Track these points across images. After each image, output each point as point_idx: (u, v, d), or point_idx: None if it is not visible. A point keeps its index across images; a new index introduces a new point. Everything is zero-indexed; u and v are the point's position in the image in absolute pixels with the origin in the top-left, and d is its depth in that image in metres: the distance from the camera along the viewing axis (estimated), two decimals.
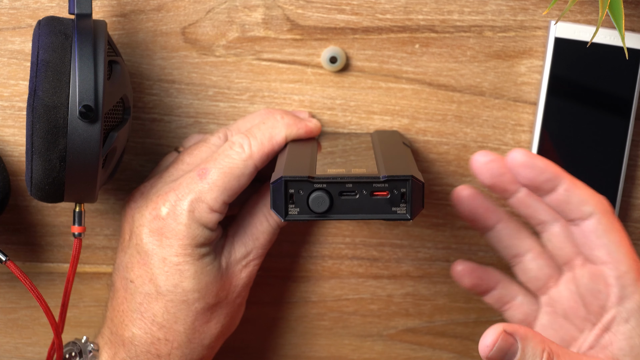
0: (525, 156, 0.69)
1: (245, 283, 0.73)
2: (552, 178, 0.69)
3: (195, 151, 0.72)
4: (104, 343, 0.72)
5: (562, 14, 0.70)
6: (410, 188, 0.62)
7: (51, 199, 0.66)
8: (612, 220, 0.69)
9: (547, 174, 0.69)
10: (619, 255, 0.68)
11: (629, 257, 0.68)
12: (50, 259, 0.78)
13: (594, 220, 0.69)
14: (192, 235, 0.69)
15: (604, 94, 0.75)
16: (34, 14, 0.73)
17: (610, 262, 0.68)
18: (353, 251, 0.79)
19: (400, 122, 0.77)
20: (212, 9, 0.74)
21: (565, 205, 0.69)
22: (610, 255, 0.68)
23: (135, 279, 0.70)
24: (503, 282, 0.75)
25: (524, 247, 0.74)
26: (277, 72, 0.76)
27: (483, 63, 0.76)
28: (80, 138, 0.64)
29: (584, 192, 0.69)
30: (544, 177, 0.69)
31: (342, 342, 0.81)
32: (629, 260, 0.68)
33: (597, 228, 0.69)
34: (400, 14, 0.75)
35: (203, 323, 0.71)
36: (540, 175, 0.69)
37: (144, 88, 0.75)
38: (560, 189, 0.69)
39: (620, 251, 0.68)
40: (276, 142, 0.71)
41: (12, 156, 0.75)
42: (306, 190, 0.63)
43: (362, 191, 0.63)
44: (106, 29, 0.67)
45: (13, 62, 0.74)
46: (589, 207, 0.69)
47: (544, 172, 0.69)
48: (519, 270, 0.74)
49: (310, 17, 0.75)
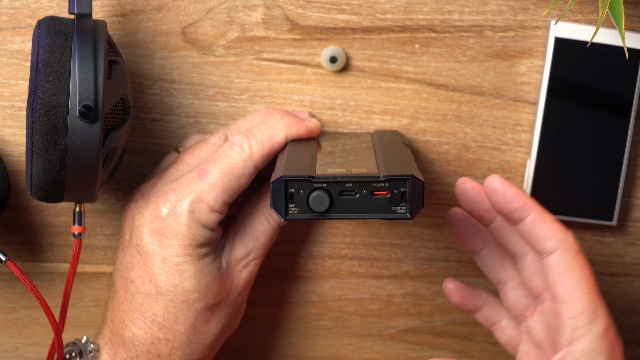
0: (498, 183, 0.69)
1: (246, 283, 0.73)
2: (520, 208, 0.69)
3: (196, 151, 0.72)
4: (104, 343, 0.72)
5: (562, 13, 0.70)
6: (410, 187, 0.62)
7: (51, 199, 0.66)
8: (574, 258, 0.68)
9: (516, 203, 0.69)
10: (575, 295, 0.67)
11: (586, 298, 0.67)
12: (50, 259, 0.78)
13: (556, 256, 0.68)
14: (193, 235, 0.69)
15: (604, 94, 0.75)
16: (34, 13, 0.73)
17: (567, 301, 0.67)
18: (353, 251, 0.79)
19: (400, 122, 0.77)
20: (212, 9, 0.74)
21: (530, 237, 0.69)
22: (567, 294, 0.67)
23: (136, 279, 0.70)
24: (490, 303, 0.76)
25: (506, 274, 0.75)
26: (277, 72, 0.75)
27: (483, 63, 0.76)
28: (80, 138, 0.64)
29: (549, 227, 0.68)
30: (513, 206, 0.69)
31: (342, 342, 0.81)
32: (586, 302, 0.67)
33: (558, 265, 0.68)
34: (400, 14, 0.75)
35: (203, 323, 0.71)
36: (510, 204, 0.69)
37: (144, 88, 0.75)
38: (527, 220, 0.69)
39: (577, 291, 0.67)
40: (276, 142, 0.71)
41: (12, 156, 0.75)
42: (306, 189, 0.63)
43: (362, 191, 0.63)
44: (106, 29, 0.67)
45: (13, 62, 0.74)
46: (551, 242, 0.68)
47: (513, 201, 0.69)
48: (502, 296, 0.75)
49: (310, 17, 0.75)
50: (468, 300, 0.76)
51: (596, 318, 0.67)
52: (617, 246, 0.80)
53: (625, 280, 0.81)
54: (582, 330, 0.67)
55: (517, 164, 0.78)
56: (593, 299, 0.67)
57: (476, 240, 0.75)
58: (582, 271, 0.68)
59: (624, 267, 0.80)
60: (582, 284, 0.67)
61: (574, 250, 0.68)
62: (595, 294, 0.68)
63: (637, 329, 0.82)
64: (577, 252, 0.68)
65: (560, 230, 0.69)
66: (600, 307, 0.67)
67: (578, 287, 0.67)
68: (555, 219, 0.69)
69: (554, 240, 0.68)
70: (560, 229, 0.69)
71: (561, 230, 0.69)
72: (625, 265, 0.80)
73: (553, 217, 0.69)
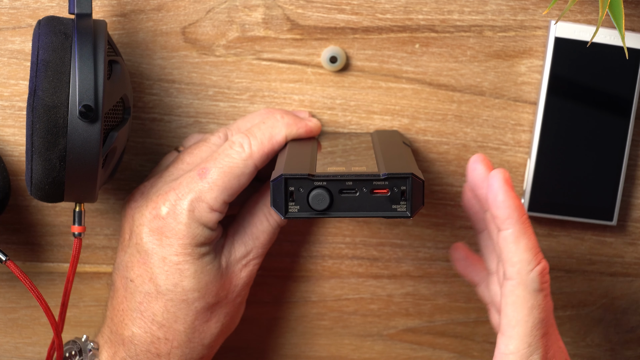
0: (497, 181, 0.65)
1: (245, 282, 0.73)
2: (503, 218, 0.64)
3: (196, 151, 0.72)
4: (103, 342, 0.72)
5: (562, 13, 0.70)
6: (411, 185, 0.62)
7: (51, 199, 0.66)
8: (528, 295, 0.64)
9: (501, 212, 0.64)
10: (514, 332, 0.64)
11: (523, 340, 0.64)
12: (50, 259, 0.78)
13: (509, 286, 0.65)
14: (192, 234, 0.69)
15: (604, 94, 0.75)
16: (34, 13, 0.73)
17: (504, 335, 0.65)
18: (353, 251, 0.79)
19: (400, 122, 0.77)
20: (212, 9, 0.74)
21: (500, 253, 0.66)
22: (507, 329, 0.65)
23: (135, 278, 0.70)
24: (487, 282, 0.74)
25: None
26: (277, 71, 0.76)
27: (483, 63, 0.76)
28: (80, 138, 0.64)
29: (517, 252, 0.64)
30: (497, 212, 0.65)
31: (342, 341, 0.81)
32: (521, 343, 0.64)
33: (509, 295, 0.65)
34: (401, 14, 0.75)
35: (203, 322, 0.71)
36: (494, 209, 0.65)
37: (144, 88, 0.75)
38: (503, 234, 0.65)
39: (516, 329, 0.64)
40: (276, 142, 0.71)
41: (12, 156, 0.75)
42: (306, 187, 0.63)
43: (362, 189, 0.63)
44: (106, 29, 0.67)
45: (13, 61, 0.74)
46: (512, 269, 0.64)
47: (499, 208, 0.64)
48: None
49: (310, 16, 0.75)
50: (467, 272, 0.75)
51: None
52: (617, 246, 0.80)
53: (625, 280, 0.81)
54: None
55: (517, 163, 0.78)
56: (529, 343, 0.64)
57: (478, 221, 0.72)
58: (531, 312, 0.64)
59: (624, 267, 0.80)
60: (525, 325, 0.64)
61: (531, 287, 0.64)
62: (536, 338, 0.64)
63: (637, 329, 0.82)
64: (535, 289, 0.64)
65: (528, 262, 0.64)
66: (535, 353, 0.64)
67: (519, 326, 0.64)
68: (531, 246, 0.65)
69: (514, 269, 0.64)
70: (529, 259, 0.64)
71: (529, 262, 0.64)
72: (625, 265, 0.80)
73: (530, 242, 0.65)
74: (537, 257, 0.65)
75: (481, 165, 0.67)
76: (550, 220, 0.79)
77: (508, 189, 0.65)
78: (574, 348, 0.82)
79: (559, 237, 0.79)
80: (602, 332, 0.82)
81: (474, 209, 0.72)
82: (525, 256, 0.64)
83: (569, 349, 0.82)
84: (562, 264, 0.80)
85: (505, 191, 0.65)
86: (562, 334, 0.81)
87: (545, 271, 0.65)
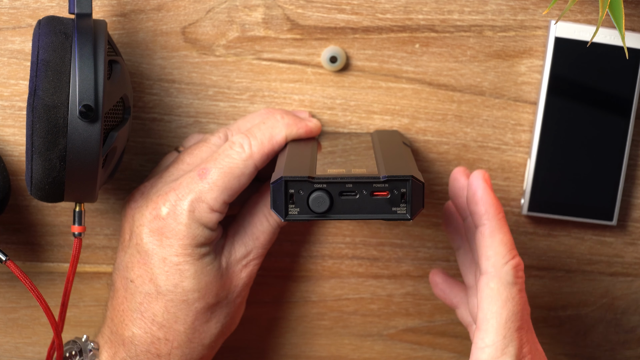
0: (476, 179, 0.68)
1: (246, 283, 0.73)
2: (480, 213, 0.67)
3: (196, 151, 0.72)
4: (104, 342, 0.72)
5: (562, 13, 0.70)
6: (411, 188, 0.62)
7: (51, 199, 0.66)
8: (502, 288, 0.66)
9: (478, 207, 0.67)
10: (489, 325, 0.65)
11: (498, 333, 0.65)
12: (50, 259, 0.78)
13: (484, 279, 0.66)
14: (193, 235, 0.69)
15: (604, 94, 0.75)
16: (34, 13, 0.73)
17: (480, 329, 0.66)
18: (353, 251, 0.79)
19: (400, 122, 0.77)
20: (212, 9, 0.74)
21: (476, 249, 0.68)
22: (482, 322, 0.66)
23: (136, 279, 0.70)
24: (465, 305, 0.75)
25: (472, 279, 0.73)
26: (277, 71, 0.75)
27: (483, 63, 0.76)
28: (80, 138, 0.64)
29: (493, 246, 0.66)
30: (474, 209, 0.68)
31: (342, 341, 0.81)
32: (496, 336, 0.65)
33: (484, 289, 0.66)
34: (401, 14, 0.75)
35: (203, 323, 0.71)
36: (472, 205, 0.68)
37: (144, 88, 0.75)
38: (479, 230, 0.67)
39: (492, 322, 0.65)
40: (276, 142, 0.71)
41: (12, 156, 0.75)
42: (306, 190, 0.63)
43: (362, 191, 0.63)
44: (106, 29, 0.67)
45: (13, 61, 0.74)
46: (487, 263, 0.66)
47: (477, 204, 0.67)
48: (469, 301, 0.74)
49: (311, 16, 0.75)
50: (446, 295, 0.76)
51: (502, 355, 0.65)
52: (617, 246, 0.80)
53: (626, 280, 0.81)
54: None
55: (517, 163, 0.78)
56: (504, 335, 0.65)
57: (456, 237, 0.75)
58: (506, 304, 0.66)
59: (624, 266, 0.80)
60: (500, 317, 0.65)
61: (505, 280, 0.66)
62: (511, 330, 0.65)
63: (637, 328, 0.82)
64: (509, 282, 0.66)
65: (502, 255, 0.66)
66: (510, 345, 0.65)
67: (494, 318, 0.65)
68: (506, 241, 0.67)
69: (489, 262, 0.66)
70: (503, 253, 0.66)
71: (503, 255, 0.66)
72: (625, 265, 0.80)
73: (505, 236, 0.67)
74: (511, 252, 0.67)
75: (462, 176, 0.71)
76: (550, 220, 0.79)
77: (487, 187, 0.68)
78: (574, 348, 0.82)
79: (559, 237, 0.79)
80: (602, 332, 0.82)
81: (452, 226, 0.74)
82: (500, 249, 0.66)
83: (569, 349, 0.82)
84: (562, 264, 0.80)
85: (484, 188, 0.68)
86: (562, 334, 0.81)
87: (520, 267, 0.67)
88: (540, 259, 0.80)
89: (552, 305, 0.81)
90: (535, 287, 0.80)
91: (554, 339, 0.82)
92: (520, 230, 0.79)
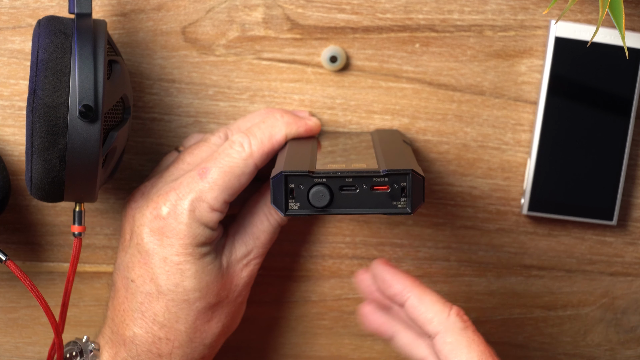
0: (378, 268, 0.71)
1: (246, 282, 0.73)
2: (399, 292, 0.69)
3: (196, 150, 0.72)
4: (104, 342, 0.72)
5: (562, 13, 0.70)
6: (411, 182, 0.62)
7: (51, 199, 0.66)
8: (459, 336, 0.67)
9: (394, 289, 0.69)
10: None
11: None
12: (50, 259, 0.78)
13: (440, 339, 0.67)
14: (193, 234, 0.69)
15: (604, 94, 0.75)
16: (34, 13, 0.73)
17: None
18: (353, 250, 0.79)
19: (400, 122, 0.77)
20: (212, 9, 0.74)
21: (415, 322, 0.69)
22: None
23: (136, 279, 0.70)
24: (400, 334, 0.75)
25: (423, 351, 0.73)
26: (277, 71, 0.75)
27: (483, 62, 0.76)
28: (80, 138, 0.64)
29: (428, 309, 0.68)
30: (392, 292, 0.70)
31: (342, 341, 0.81)
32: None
33: (443, 347, 0.67)
34: (401, 14, 0.75)
35: (204, 322, 0.71)
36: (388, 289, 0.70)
37: (144, 87, 0.75)
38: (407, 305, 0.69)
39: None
40: (276, 141, 0.71)
41: (12, 156, 0.75)
42: (306, 184, 0.63)
43: (362, 185, 0.63)
44: (106, 29, 0.67)
45: (13, 61, 0.74)
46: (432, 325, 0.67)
47: (391, 287, 0.70)
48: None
49: (311, 16, 0.75)
50: (378, 326, 0.76)
51: None
52: (617, 246, 0.80)
53: (626, 279, 0.81)
54: None
55: (517, 163, 0.78)
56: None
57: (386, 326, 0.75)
58: (470, 347, 0.67)
59: (624, 266, 0.80)
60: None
61: (457, 328, 0.67)
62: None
63: (637, 328, 0.82)
64: (461, 329, 0.67)
65: (441, 311, 0.67)
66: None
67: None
68: (435, 299, 0.68)
69: (434, 323, 0.67)
70: (440, 309, 0.68)
71: (441, 311, 0.67)
72: (625, 265, 0.80)
73: (434, 296, 0.68)
74: (446, 304, 0.68)
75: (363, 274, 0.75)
76: (550, 220, 0.79)
77: (389, 268, 0.71)
78: (574, 348, 0.82)
79: (559, 237, 0.79)
80: (602, 332, 0.82)
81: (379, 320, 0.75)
82: (435, 308, 0.68)
83: (569, 349, 0.82)
84: (562, 263, 0.80)
85: (388, 270, 0.71)
86: (562, 334, 0.81)
87: (461, 312, 0.68)
88: (540, 259, 0.80)
89: (552, 305, 0.81)
90: (535, 287, 0.80)
91: (554, 339, 0.82)
92: (520, 230, 0.79)
